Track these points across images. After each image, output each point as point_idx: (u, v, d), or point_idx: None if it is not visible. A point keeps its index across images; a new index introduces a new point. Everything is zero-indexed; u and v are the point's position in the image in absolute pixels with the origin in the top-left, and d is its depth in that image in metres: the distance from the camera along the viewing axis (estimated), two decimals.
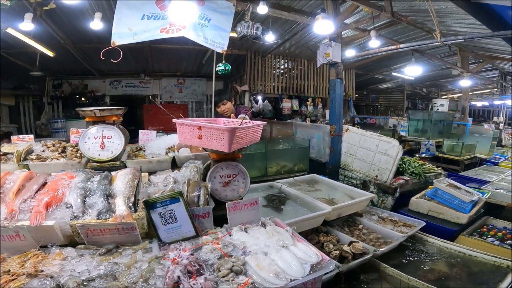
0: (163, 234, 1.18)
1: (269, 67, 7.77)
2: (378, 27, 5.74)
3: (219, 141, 1.28)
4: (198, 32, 2.80)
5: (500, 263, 1.73)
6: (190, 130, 1.37)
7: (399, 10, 4.77)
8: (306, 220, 1.78)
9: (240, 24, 3.35)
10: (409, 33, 6.05)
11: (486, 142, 5.15)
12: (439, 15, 4.50)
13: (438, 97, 12.56)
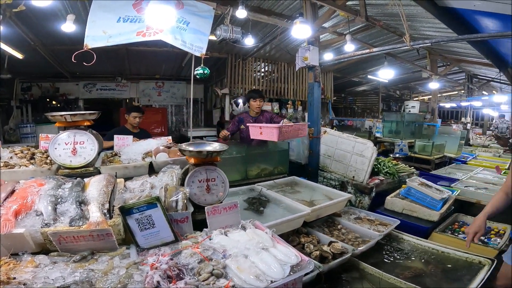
0: (141, 240, 1.17)
1: (250, 70, 7.81)
2: (354, 31, 5.95)
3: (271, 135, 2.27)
4: (176, 36, 2.78)
5: (472, 259, 1.80)
6: (255, 129, 2.46)
7: (374, 15, 4.96)
8: (286, 222, 1.80)
9: (220, 28, 3.34)
10: (383, 37, 6.31)
11: (454, 141, 5.43)
12: (410, 19, 4.73)
13: (410, 99, 13.15)
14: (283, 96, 8.51)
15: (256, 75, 8.07)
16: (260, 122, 3.49)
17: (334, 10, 3.91)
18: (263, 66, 8.18)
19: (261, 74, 8.27)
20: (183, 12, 2.92)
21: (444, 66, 8.10)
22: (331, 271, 1.63)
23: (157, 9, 2.35)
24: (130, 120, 3.44)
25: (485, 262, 1.73)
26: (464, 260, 1.81)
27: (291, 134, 2.52)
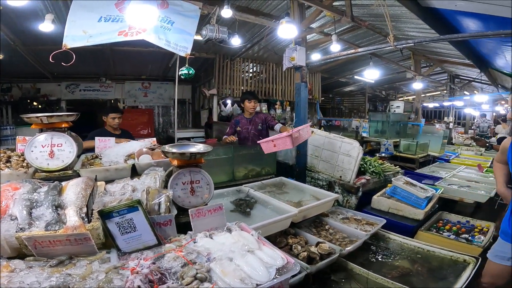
0: (122, 244, 1.14)
1: (238, 71, 7.79)
2: (341, 31, 6.02)
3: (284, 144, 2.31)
4: (160, 35, 2.74)
5: (456, 257, 1.81)
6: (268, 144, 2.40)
7: (360, 15, 5.02)
8: (273, 223, 1.78)
9: (206, 28, 3.31)
10: (369, 37, 6.41)
11: (438, 141, 5.57)
12: (395, 20, 4.82)
13: (395, 99, 13.44)
14: (271, 96, 8.52)
15: (245, 75, 8.06)
16: (255, 123, 3.59)
17: (321, 11, 3.94)
18: (251, 67, 8.18)
19: (249, 74, 8.26)
20: (167, 11, 2.89)
21: (428, 66, 8.32)
22: (319, 271, 1.62)
23: (139, 9, 2.30)
24: (108, 121, 3.32)
25: (470, 261, 1.74)
26: (449, 258, 1.82)
27: (301, 138, 2.60)
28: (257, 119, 3.64)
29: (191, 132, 7.47)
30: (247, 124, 3.62)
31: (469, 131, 9.46)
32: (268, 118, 3.67)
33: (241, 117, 3.72)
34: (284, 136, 2.36)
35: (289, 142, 2.33)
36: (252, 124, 3.61)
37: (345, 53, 3.50)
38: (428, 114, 15.65)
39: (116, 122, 3.33)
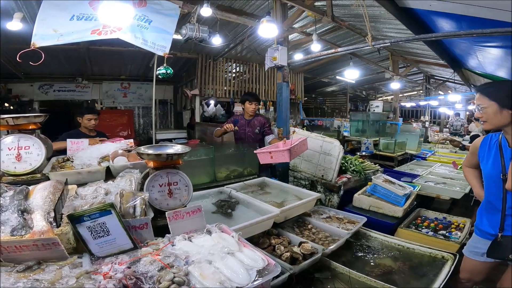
0: (95, 248, 1.09)
1: (221, 71, 7.73)
2: (323, 32, 6.13)
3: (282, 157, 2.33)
4: (136, 34, 2.69)
5: (435, 254, 1.82)
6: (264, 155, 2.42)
7: (341, 16, 5.12)
8: (255, 224, 1.76)
9: (185, 27, 3.25)
10: (349, 38, 6.56)
11: (415, 139, 5.76)
12: (374, 20, 4.94)
13: (375, 99, 13.82)
14: None
15: (227, 76, 8.01)
16: (253, 125, 3.55)
17: (303, 10, 3.97)
18: (234, 67, 8.14)
19: (233, 75, 8.23)
20: (145, 10, 2.84)
21: (405, 67, 8.62)
22: (303, 271, 1.62)
23: (114, 7, 2.26)
24: (84, 123, 3.19)
25: (448, 257, 1.77)
26: (428, 255, 1.84)
27: (298, 151, 2.61)
28: (256, 122, 3.59)
29: (173, 133, 7.34)
30: (245, 125, 3.56)
31: (444, 130, 9.86)
32: (266, 124, 3.63)
33: (241, 117, 3.66)
34: (282, 149, 2.35)
35: (287, 156, 2.32)
36: (250, 126, 3.55)
37: (326, 53, 3.55)
38: (406, 113, 16.22)
39: (92, 124, 3.20)
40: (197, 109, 7.33)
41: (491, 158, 1.60)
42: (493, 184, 1.59)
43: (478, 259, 1.69)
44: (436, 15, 2.95)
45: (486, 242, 1.62)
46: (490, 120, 1.51)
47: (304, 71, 9.69)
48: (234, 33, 6.13)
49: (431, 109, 11.35)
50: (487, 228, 1.64)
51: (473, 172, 1.94)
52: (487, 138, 1.70)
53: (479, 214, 1.75)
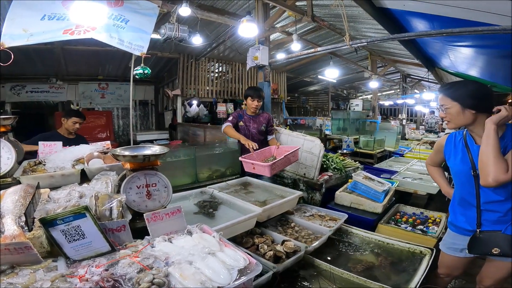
0: (71, 252, 1.07)
1: (203, 71, 7.66)
2: (304, 32, 6.21)
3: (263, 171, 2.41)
4: (112, 34, 2.64)
5: (414, 249, 1.85)
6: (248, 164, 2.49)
7: (322, 15, 5.20)
8: (237, 223, 1.76)
9: (164, 26, 3.20)
10: (330, 38, 6.68)
11: (393, 136, 5.95)
12: (353, 20, 5.05)
13: (355, 98, 14.16)
14: (238, 96, 8.51)
15: (210, 75, 7.95)
16: (258, 122, 3.26)
17: (284, 10, 4.00)
18: (217, 67, 8.09)
19: (215, 74, 8.17)
20: (122, 9, 2.79)
21: (383, 66, 8.89)
22: (287, 270, 1.61)
23: (87, 7, 2.22)
24: (68, 125, 3.06)
25: (426, 252, 1.80)
26: (407, 250, 1.87)
27: (285, 164, 2.59)
28: (262, 118, 3.29)
29: (154, 134, 7.19)
30: (249, 122, 3.26)
31: (420, 127, 10.25)
32: (271, 123, 3.37)
33: (244, 112, 3.34)
34: (264, 165, 2.41)
35: (267, 171, 2.38)
36: (256, 123, 3.26)
37: (306, 52, 3.59)
38: (384, 111, 16.72)
39: (76, 127, 3.10)
40: (179, 109, 7.23)
41: (459, 155, 1.61)
42: (465, 180, 1.60)
43: (457, 255, 1.70)
44: (410, 15, 3.05)
45: (464, 238, 1.62)
46: (453, 120, 1.53)
47: (286, 70, 9.78)
48: (216, 32, 6.09)
49: (407, 107, 11.79)
50: (463, 225, 1.64)
51: (437, 170, 1.99)
52: (451, 136, 1.72)
53: (452, 210, 1.76)
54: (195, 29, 3.99)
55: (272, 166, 2.35)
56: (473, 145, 1.55)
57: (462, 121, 1.50)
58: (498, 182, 1.32)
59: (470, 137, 1.58)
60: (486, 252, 1.51)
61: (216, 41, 6.46)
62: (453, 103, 1.48)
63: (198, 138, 5.88)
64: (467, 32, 2.25)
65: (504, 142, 1.41)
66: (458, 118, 1.50)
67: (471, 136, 1.57)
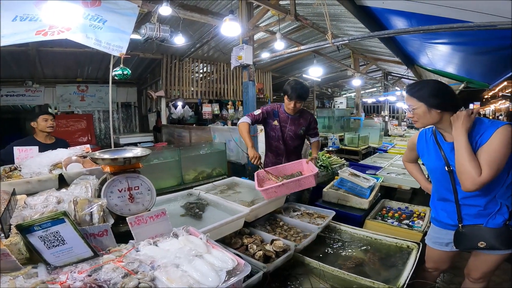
0: (51, 258, 1.04)
1: (187, 71, 7.56)
2: (289, 31, 6.25)
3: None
4: (88, 34, 2.59)
5: (401, 244, 1.85)
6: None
7: (305, 14, 5.23)
8: (224, 224, 1.73)
9: (145, 26, 3.13)
10: (314, 37, 6.75)
11: (376, 133, 6.07)
12: (336, 19, 5.11)
13: (340, 96, 14.39)
14: (223, 97, 8.46)
15: (194, 76, 7.86)
16: (298, 124, 2.70)
17: (268, 9, 4.00)
18: (201, 67, 8.01)
19: (200, 75, 8.09)
20: (99, 9, 2.74)
21: (365, 64, 9.07)
22: (278, 269, 1.60)
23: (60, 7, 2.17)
24: (40, 126, 2.80)
25: (413, 246, 1.80)
26: (395, 245, 1.87)
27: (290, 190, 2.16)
28: (302, 120, 2.72)
29: (138, 137, 7.04)
30: (286, 122, 2.69)
31: (402, 123, 10.53)
32: (313, 125, 2.77)
33: (282, 109, 2.71)
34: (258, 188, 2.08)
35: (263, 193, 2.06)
36: (294, 124, 2.69)
37: (289, 51, 3.60)
38: (368, 109, 17.09)
39: (50, 125, 2.82)
40: (163, 111, 7.10)
41: (432, 153, 1.63)
42: (440, 177, 1.61)
43: (443, 249, 1.72)
44: (390, 13, 3.12)
45: (448, 232, 1.65)
46: (420, 119, 1.53)
47: (272, 70, 9.81)
48: (200, 32, 6.03)
49: (389, 104, 12.06)
50: (445, 220, 1.65)
51: (414, 166, 2.03)
52: (422, 134, 1.75)
53: (433, 206, 1.78)
54: (178, 29, 3.93)
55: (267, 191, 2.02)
56: (444, 142, 1.56)
57: (429, 120, 1.51)
58: (477, 186, 1.33)
59: (440, 134, 1.60)
60: (472, 246, 1.52)
61: (200, 41, 6.39)
62: (419, 104, 1.49)
63: (184, 140, 5.81)
64: (442, 29, 2.31)
65: (475, 138, 1.42)
66: (425, 118, 1.50)
67: (440, 133, 1.59)
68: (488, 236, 1.46)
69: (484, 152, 1.35)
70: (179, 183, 2.52)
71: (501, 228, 1.45)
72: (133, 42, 5.46)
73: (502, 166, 1.34)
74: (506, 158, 1.34)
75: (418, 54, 4.97)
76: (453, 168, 1.50)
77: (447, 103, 1.47)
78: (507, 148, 1.33)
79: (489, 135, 1.36)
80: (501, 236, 1.45)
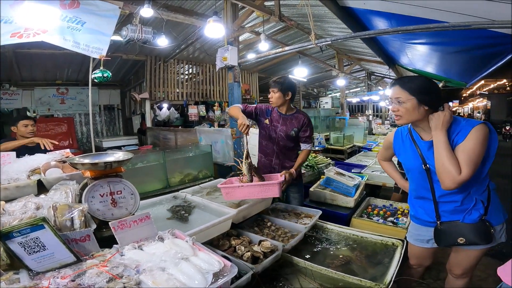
0: (32, 264, 1.04)
1: (172, 73, 7.47)
2: (274, 32, 6.28)
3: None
4: (66, 36, 2.56)
5: (386, 241, 1.87)
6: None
7: (290, 15, 5.28)
8: (211, 226, 1.72)
9: (126, 28, 3.07)
10: (299, 38, 6.82)
11: (361, 132, 6.20)
12: (319, 20, 5.18)
13: (325, 96, 14.59)
14: (209, 98, 8.40)
15: (180, 77, 7.77)
16: (289, 124, 2.53)
17: (253, 11, 4.00)
18: (187, 68, 7.93)
19: (185, 76, 8.00)
20: (77, 11, 2.70)
21: (349, 64, 9.24)
22: (267, 269, 1.59)
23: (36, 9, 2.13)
24: (20, 132, 2.79)
25: (397, 244, 1.83)
26: (380, 243, 1.89)
27: (252, 194, 2.05)
28: (295, 121, 2.52)
29: (122, 140, 6.87)
30: (278, 121, 2.54)
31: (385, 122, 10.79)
32: (304, 127, 2.53)
33: (275, 109, 2.57)
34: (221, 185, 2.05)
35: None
36: (285, 124, 2.52)
37: (274, 52, 3.62)
38: (352, 108, 17.39)
39: (29, 130, 2.82)
40: (147, 113, 6.98)
41: (409, 151, 1.64)
42: (418, 175, 1.62)
43: (425, 246, 1.72)
44: (371, 14, 3.19)
45: (428, 229, 1.66)
46: (406, 115, 1.48)
47: (258, 71, 9.83)
48: (184, 34, 5.97)
49: (373, 104, 12.35)
50: (424, 217, 1.67)
51: (389, 165, 2.05)
52: (398, 133, 1.75)
53: (411, 204, 1.79)
54: (161, 30, 3.87)
55: (226, 191, 1.97)
56: (420, 141, 1.57)
57: (415, 116, 1.47)
58: (457, 184, 1.35)
59: (416, 133, 1.59)
60: (453, 242, 1.54)
61: (185, 42, 6.33)
62: (411, 97, 1.44)
63: (170, 142, 5.72)
64: (419, 30, 2.36)
65: (451, 137, 1.43)
66: (413, 113, 1.46)
67: (416, 131, 1.59)
68: (466, 232, 1.49)
69: (462, 151, 1.37)
70: (165, 186, 2.48)
71: (478, 223, 1.47)
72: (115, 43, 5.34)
73: (479, 163, 1.37)
74: (482, 155, 1.37)
75: (398, 54, 5.10)
76: (430, 166, 1.51)
77: (435, 101, 1.46)
78: (483, 146, 1.36)
79: (465, 134, 1.38)
80: (478, 231, 1.47)
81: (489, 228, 1.47)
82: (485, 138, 1.36)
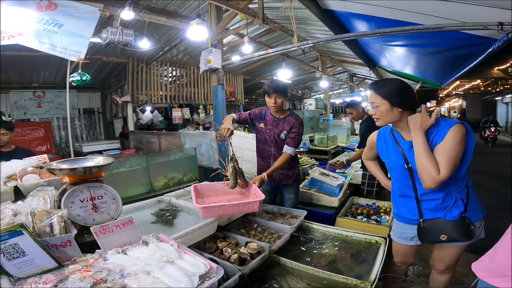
0: (13, 270, 1.02)
1: (155, 75, 7.35)
2: (259, 34, 6.31)
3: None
4: (42, 39, 2.50)
5: (370, 239, 1.91)
6: None
7: (274, 18, 5.32)
8: (197, 229, 1.70)
9: (106, 30, 3.00)
10: (283, 40, 6.88)
11: (344, 132, 6.32)
12: (303, 22, 5.24)
13: (309, 97, 14.78)
14: (194, 101, 8.33)
15: (163, 80, 7.66)
16: (281, 127, 2.52)
17: (236, 13, 4.01)
18: (170, 71, 7.82)
19: (169, 79, 7.90)
20: (54, 13, 2.63)
21: (332, 66, 9.42)
22: (254, 271, 1.59)
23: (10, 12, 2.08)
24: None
25: (380, 241, 1.86)
26: (364, 241, 1.93)
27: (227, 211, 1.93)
28: (286, 124, 2.51)
29: (103, 144, 6.69)
30: (272, 124, 2.54)
31: None
32: (292, 130, 2.50)
33: (269, 112, 2.58)
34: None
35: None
36: (277, 127, 2.52)
37: (257, 54, 3.65)
38: (336, 109, 17.69)
39: (4, 140, 2.68)
40: (129, 117, 6.83)
41: (391, 151, 1.68)
42: (400, 174, 1.64)
43: (409, 243, 1.76)
44: (352, 17, 3.27)
45: (411, 227, 1.71)
46: (382, 117, 1.55)
47: (243, 73, 9.84)
48: (167, 36, 5.90)
49: None
50: (407, 215, 1.71)
51: (373, 164, 2.09)
52: (381, 133, 1.80)
53: (394, 202, 1.84)
54: (143, 32, 3.81)
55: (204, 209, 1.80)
56: (402, 141, 1.62)
57: (391, 118, 1.54)
58: (437, 183, 1.40)
59: (397, 133, 1.65)
60: (435, 240, 1.58)
61: (168, 45, 6.25)
62: (383, 101, 1.50)
63: (153, 146, 5.62)
64: (395, 32, 2.45)
65: (430, 137, 1.48)
66: (388, 116, 1.53)
67: (397, 131, 1.64)
68: (448, 229, 1.54)
69: (440, 151, 1.41)
70: (149, 191, 2.44)
71: (458, 220, 1.53)
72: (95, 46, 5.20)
73: (458, 162, 1.42)
74: (460, 155, 1.41)
75: (378, 56, 5.25)
76: (412, 165, 1.55)
77: (408, 103, 1.51)
78: (461, 145, 1.40)
79: (443, 134, 1.42)
80: (459, 228, 1.52)
81: (469, 225, 1.52)
82: (462, 138, 1.41)
